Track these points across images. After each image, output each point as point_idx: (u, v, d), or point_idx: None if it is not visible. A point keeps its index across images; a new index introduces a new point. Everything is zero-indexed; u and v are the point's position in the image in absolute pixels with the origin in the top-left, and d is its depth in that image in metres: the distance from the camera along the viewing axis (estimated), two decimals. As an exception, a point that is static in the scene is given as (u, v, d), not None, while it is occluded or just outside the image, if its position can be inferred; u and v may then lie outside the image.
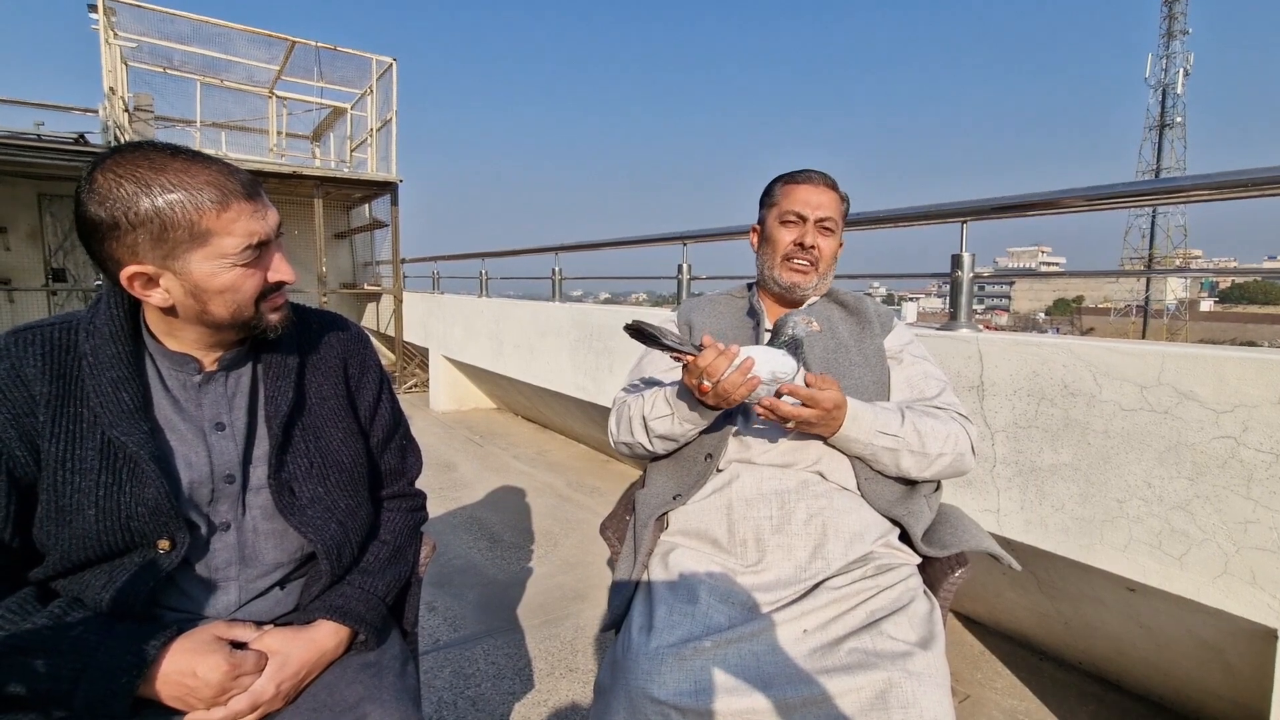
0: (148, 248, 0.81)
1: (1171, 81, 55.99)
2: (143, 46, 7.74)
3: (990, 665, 2.12)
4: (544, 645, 2.19)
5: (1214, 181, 1.72)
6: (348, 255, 10.07)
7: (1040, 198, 2.08)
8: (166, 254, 0.82)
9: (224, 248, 0.84)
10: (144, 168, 0.80)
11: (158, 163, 0.81)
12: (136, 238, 0.80)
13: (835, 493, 1.22)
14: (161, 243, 0.81)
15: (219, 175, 0.83)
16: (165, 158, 0.81)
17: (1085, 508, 1.66)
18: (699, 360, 1.09)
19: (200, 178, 0.82)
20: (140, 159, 0.80)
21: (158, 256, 0.82)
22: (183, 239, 0.81)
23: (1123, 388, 1.60)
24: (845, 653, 1.01)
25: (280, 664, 0.89)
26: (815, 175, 1.39)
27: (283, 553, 0.99)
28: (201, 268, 0.84)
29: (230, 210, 0.83)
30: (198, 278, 0.84)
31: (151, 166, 0.80)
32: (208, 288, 0.85)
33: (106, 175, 0.79)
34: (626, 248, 4.34)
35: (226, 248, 0.84)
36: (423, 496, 1.25)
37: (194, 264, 0.83)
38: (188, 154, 0.84)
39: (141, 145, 0.82)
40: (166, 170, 0.80)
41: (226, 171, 0.85)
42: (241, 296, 0.88)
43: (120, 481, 0.86)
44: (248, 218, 0.85)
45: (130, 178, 0.79)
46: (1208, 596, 1.47)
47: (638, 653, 1.03)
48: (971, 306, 2.22)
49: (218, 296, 0.86)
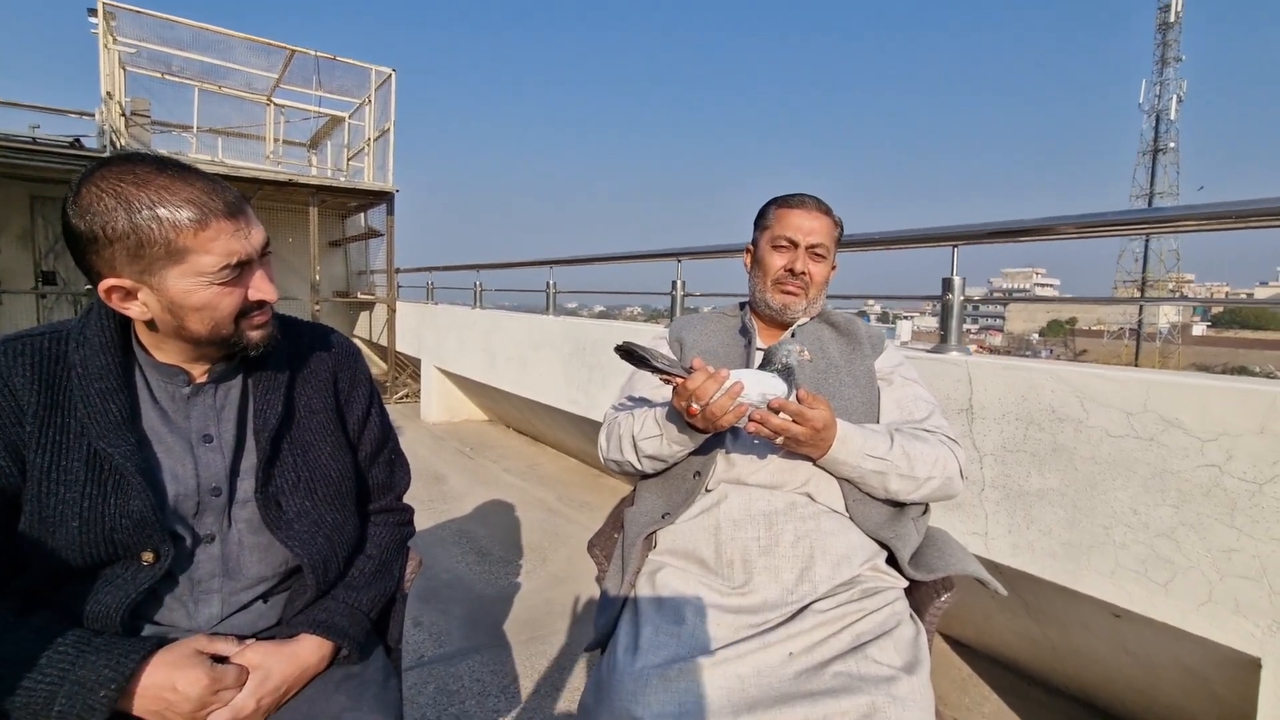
0: (125, 262, 0.81)
1: (1165, 107, 56.79)
2: (141, 52, 7.75)
3: (978, 689, 2.12)
4: (530, 662, 2.17)
5: (1202, 213, 1.74)
6: (342, 264, 10.06)
7: (1031, 224, 2.10)
8: (143, 269, 0.82)
9: (201, 266, 0.83)
10: (127, 182, 0.79)
11: (141, 177, 0.80)
12: (114, 252, 0.80)
13: (823, 515, 1.22)
14: (138, 258, 0.81)
15: (201, 193, 0.83)
16: (150, 172, 0.81)
17: (1072, 533, 1.67)
18: (688, 383, 1.09)
19: (181, 195, 0.81)
20: (125, 173, 0.80)
21: (135, 271, 0.82)
22: (159, 255, 0.81)
23: (1109, 414, 1.61)
24: (830, 676, 1.00)
25: (261, 679, 0.88)
26: (808, 200, 1.40)
27: (266, 566, 0.98)
28: (178, 285, 0.83)
29: (209, 229, 0.82)
30: (174, 295, 0.84)
31: (134, 181, 0.80)
32: (184, 304, 0.85)
33: (90, 189, 0.79)
34: (621, 263, 4.36)
35: (204, 266, 0.83)
36: (410, 511, 1.24)
37: (170, 281, 0.83)
38: (174, 169, 0.83)
39: (130, 158, 0.82)
40: (148, 186, 0.80)
41: (210, 189, 0.84)
42: (219, 315, 0.87)
43: (105, 493, 0.86)
44: (227, 237, 0.84)
45: (111, 192, 0.79)
46: (1192, 624, 1.47)
47: (622, 673, 1.03)
48: (962, 329, 2.23)
49: (194, 314, 0.86)
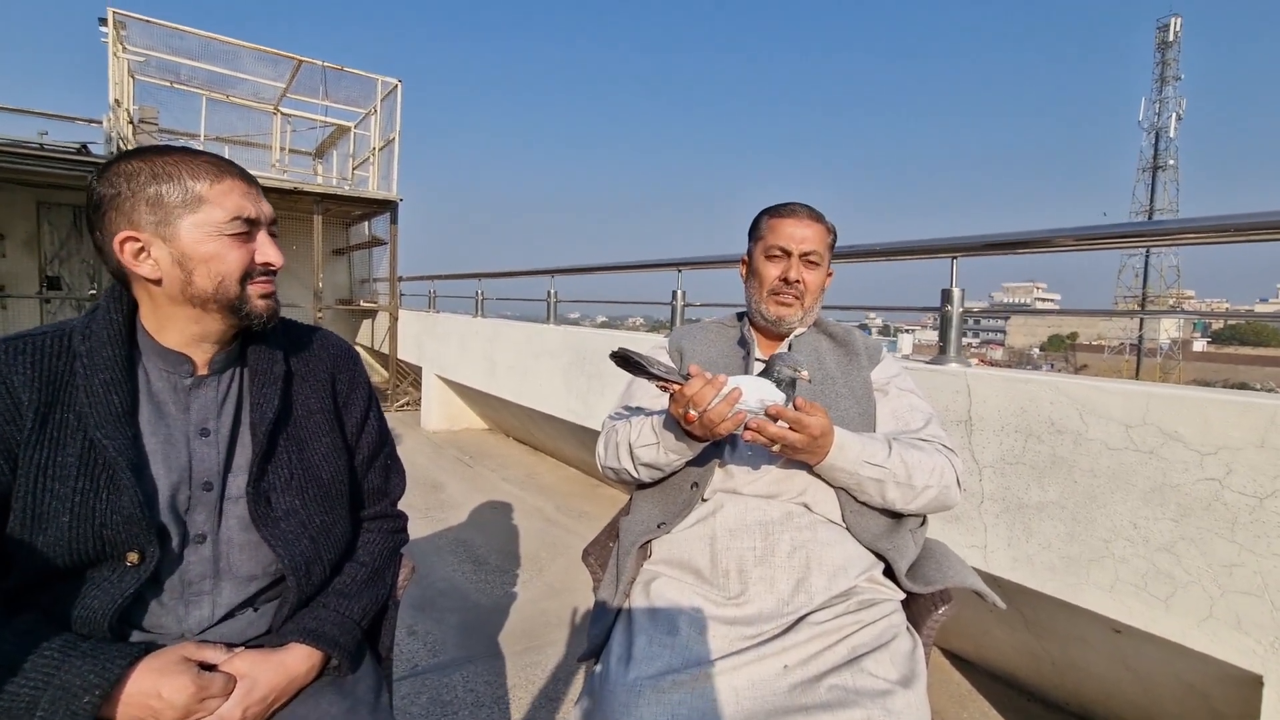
0: (144, 212, 0.88)
1: (1164, 125, 57.05)
2: (150, 60, 7.83)
3: (977, 704, 2.10)
4: (526, 673, 2.15)
5: (1201, 225, 1.74)
6: (345, 272, 10.10)
7: (1030, 236, 2.10)
8: (160, 220, 0.88)
9: (213, 217, 0.90)
10: (151, 152, 0.91)
11: (165, 150, 0.92)
12: (135, 203, 0.88)
13: (820, 525, 1.21)
14: (157, 208, 0.88)
15: (218, 159, 0.94)
16: (173, 149, 0.92)
17: (1072, 546, 1.66)
18: (685, 389, 1.08)
19: (201, 159, 0.92)
20: (150, 149, 0.92)
21: (152, 222, 0.88)
22: (176, 204, 0.89)
23: (1108, 426, 1.60)
24: (825, 690, 0.99)
25: (248, 688, 0.87)
26: (800, 209, 1.40)
27: (257, 565, 0.98)
28: (191, 234, 0.89)
29: (224, 183, 0.91)
30: (185, 244, 0.89)
31: (158, 151, 0.91)
32: (193, 254, 0.90)
33: (119, 162, 0.89)
34: (622, 272, 4.37)
35: (216, 217, 0.90)
36: (404, 518, 1.24)
37: (184, 230, 0.89)
38: (196, 150, 0.94)
39: (158, 145, 0.95)
40: (171, 153, 0.91)
41: (227, 161, 0.95)
42: (226, 268, 0.91)
43: (97, 488, 0.86)
44: (240, 195, 0.93)
45: (138, 158, 0.90)
46: (1193, 640, 1.46)
47: (615, 684, 1.02)
48: (961, 341, 2.23)
49: (202, 265, 0.90)
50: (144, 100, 8.06)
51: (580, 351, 3.92)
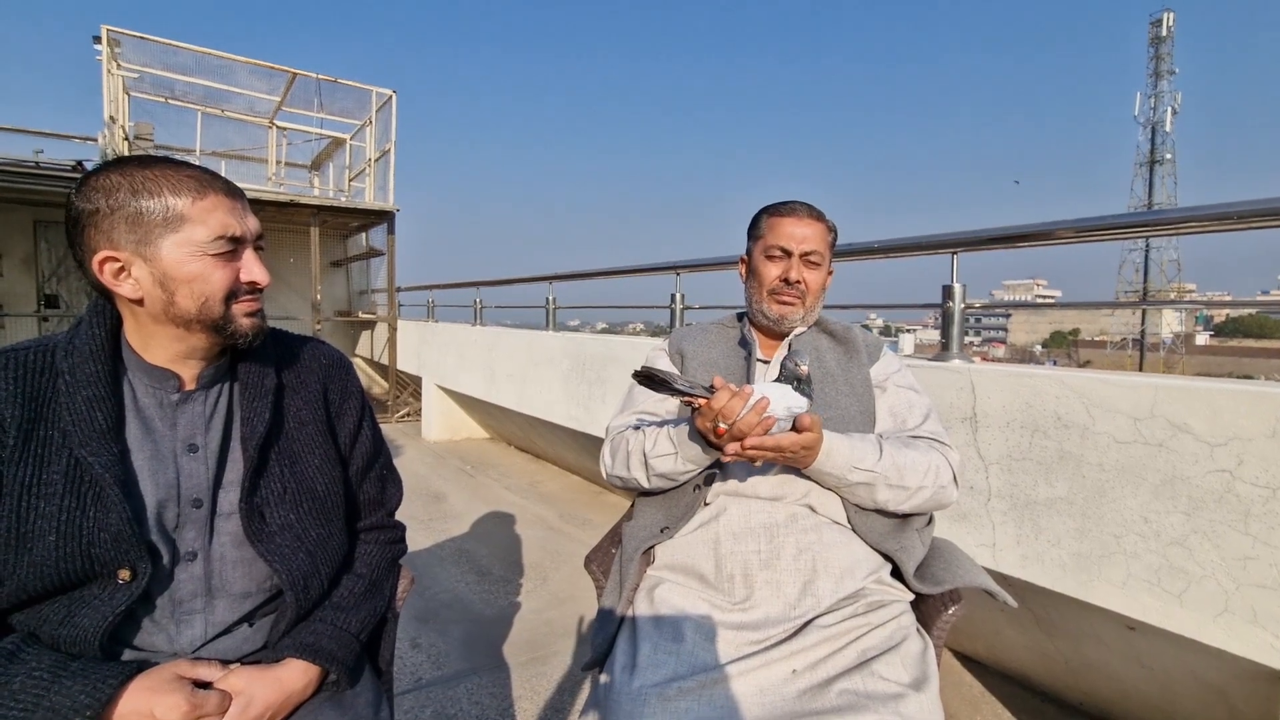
0: (123, 231, 0.84)
1: (1160, 119, 57.15)
2: (145, 77, 7.84)
3: (990, 707, 2.07)
4: (531, 684, 2.13)
5: (1204, 214, 1.72)
6: (343, 283, 10.09)
7: (1031, 229, 2.08)
8: (140, 239, 0.85)
9: (196, 235, 0.86)
10: (132, 165, 0.86)
11: (146, 162, 0.87)
12: (113, 221, 0.84)
13: (825, 526, 1.19)
14: (136, 226, 0.84)
15: (201, 173, 0.89)
16: (156, 162, 0.88)
17: (1082, 542, 1.63)
18: (713, 403, 1.05)
19: (184, 172, 0.88)
20: (131, 161, 0.87)
21: (131, 241, 0.85)
22: (157, 223, 0.85)
23: (1116, 420, 1.58)
24: (835, 694, 0.97)
25: (244, 706, 0.85)
26: (800, 207, 1.37)
27: (251, 581, 0.95)
28: (172, 254, 0.86)
29: (207, 200, 0.87)
30: (167, 265, 0.86)
31: (140, 165, 0.87)
32: (175, 275, 0.86)
33: (97, 175, 0.85)
34: (620, 277, 4.35)
35: (198, 236, 0.86)
36: (402, 529, 1.21)
37: (165, 250, 0.85)
38: (178, 162, 0.89)
39: (139, 155, 0.87)
40: (153, 167, 0.87)
41: (211, 175, 0.90)
42: (209, 289, 0.88)
43: (84, 506, 0.84)
44: (224, 212, 0.88)
45: (117, 173, 0.85)
46: (1209, 636, 1.43)
47: (620, 692, 1.00)
48: (963, 337, 2.21)
49: (185, 286, 0.87)
50: (139, 117, 8.07)
51: (580, 358, 3.90)
